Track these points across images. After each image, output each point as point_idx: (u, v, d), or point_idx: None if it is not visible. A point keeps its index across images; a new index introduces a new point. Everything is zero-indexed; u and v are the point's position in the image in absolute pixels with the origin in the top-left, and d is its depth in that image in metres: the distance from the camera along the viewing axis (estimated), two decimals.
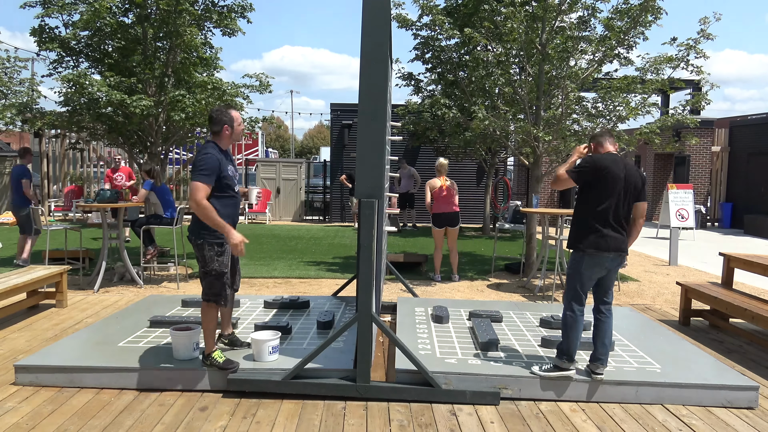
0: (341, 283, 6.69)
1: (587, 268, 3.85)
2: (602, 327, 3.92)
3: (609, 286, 3.98)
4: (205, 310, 3.93)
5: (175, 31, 7.77)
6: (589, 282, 3.90)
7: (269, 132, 55.33)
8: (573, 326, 3.89)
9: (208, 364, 3.92)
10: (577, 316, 3.88)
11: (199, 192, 3.68)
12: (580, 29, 8.05)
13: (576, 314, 3.89)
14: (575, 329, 3.88)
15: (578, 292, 3.89)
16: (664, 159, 18.16)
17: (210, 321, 3.93)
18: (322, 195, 17.80)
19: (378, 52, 3.70)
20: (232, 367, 3.88)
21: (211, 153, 3.78)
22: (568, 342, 3.89)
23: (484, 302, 6.21)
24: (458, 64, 10.10)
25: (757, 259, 5.71)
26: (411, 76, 13.16)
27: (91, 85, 7.28)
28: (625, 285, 7.99)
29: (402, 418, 3.58)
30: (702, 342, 5.31)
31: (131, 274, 7.39)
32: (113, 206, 7.19)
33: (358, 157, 3.76)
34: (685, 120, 7.99)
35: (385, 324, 4.26)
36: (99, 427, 3.37)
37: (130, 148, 8.95)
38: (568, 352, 3.89)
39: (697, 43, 7.50)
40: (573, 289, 3.91)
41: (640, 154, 18.77)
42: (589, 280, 3.89)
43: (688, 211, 13.87)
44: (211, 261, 3.86)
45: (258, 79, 8.88)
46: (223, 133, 3.90)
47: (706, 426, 3.55)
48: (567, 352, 3.89)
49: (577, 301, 3.89)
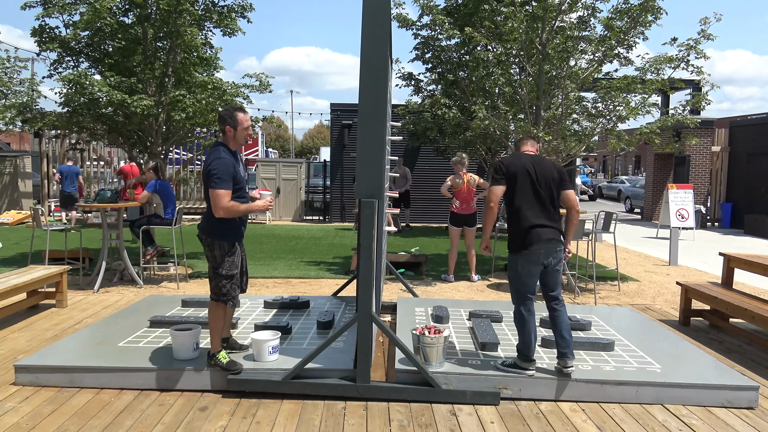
0: (341, 283, 6.69)
1: (522, 267, 3.91)
2: (557, 321, 3.95)
3: (554, 282, 3.99)
4: (213, 309, 3.93)
5: (176, 31, 7.77)
6: (530, 280, 3.93)
7: (269, 132, 55.34)
8: (523, 326, 3.94)
9: (212, 363, 3.93)
10: (525, 315, 3.93)
11: (222, 199, 3.70)
12: (580, 29, 8.06)
13: (523, 314, 3.94)
14: (528, 327, 3.93)
15: (521, 292, 3.95)
16: (664, 159, 18.16)
17: (217, 321, 3.93)
18: (322, 195, 17.80)
19: (378, 51, 3.70)
20: (235, 369, 3.88)
21: (223, 157, 3.76)
22: (524, 340, 3.95)
23: (484, 302, 6.21)
24: (458, 64, 10.10)
25: (757, 259, 5.71)
26: (411, 76, 13.16)
27: (92, 86, 7.28)
28: (625, 285, 7.99)
29: (402, 418, 3.58)
30: (702, 342, 5.31)
31: (131, 274, 7.39)
32: (113, 206, 7.19)
33: (358, 157, 3.76)
34: (685, 120, 7.99)
35: (385, 324, 4.26)
36: (99, 427, 3.37)
37: (130, 148, 8.95)
38: (525, 351, 3.94)
39: (697, 44, 7.50)
40: (516, 291, 3.98)
41: (640, 154, 18.79)
42: (528, 278, 3.92)
43: (688, 211, 13.87)
44: (222, 261, 3.85)
45: (258, 78, 8.89)
46: (227, 134, 3.88)
47: (706, 426, 3.55)
48: (524, 352, 3.95)
49: (522, 301, 3.94)
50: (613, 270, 8.37)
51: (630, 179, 28.06)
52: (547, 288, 4.00)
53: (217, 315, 3.93)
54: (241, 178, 3.88)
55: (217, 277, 3.87)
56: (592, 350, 4.46)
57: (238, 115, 3.86)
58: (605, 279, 8.29)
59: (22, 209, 15.97)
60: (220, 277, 3.86)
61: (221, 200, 3.70)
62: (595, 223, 7.96)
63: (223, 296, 3.88)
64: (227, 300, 3.90)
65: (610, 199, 28.16)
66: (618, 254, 9.17)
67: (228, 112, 3.87)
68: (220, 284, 3.87)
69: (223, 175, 3.71)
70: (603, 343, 4.48)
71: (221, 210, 3.72)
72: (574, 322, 4.99)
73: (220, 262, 3.85)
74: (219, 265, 3.86)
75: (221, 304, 3.91)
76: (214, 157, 3.77)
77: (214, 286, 3.90)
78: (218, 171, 3.71)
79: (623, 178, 30.37)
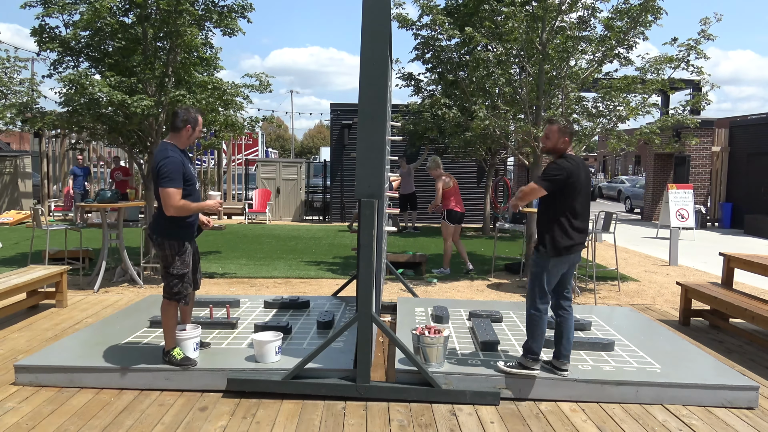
0: (341, 283, 6.69)
1: (554, 267, 3.89)
2: (565, 324, 3.95)
3: (569, 283, 4.02)
4: (165, 307, 3.98)
5: (176, 31, 7.76)
6: (555, 280, 3.93)
7: (269, 132, 55.35)
8: (539, 325, 3.92)
9: (166, 360, 3.97)
10: (542, 315, 3.91)
11: (173, 198, 3.74)
12: (580, 29, 8.05)
13: (541, 313, 3.91)
14: (541, 328, 3.91)
15: (544, 290, 3.92)
16: (664, 159, 18.16)
17: (169, 318, 3.98)
18: (322, 195, 17.80)
19: (378, 51, 3.70)
20: (188, 364, 3.93)
21: (172, 156, 3.78)
22: (533, 341, 3.92)
23: (484, 302, 6.21)
24: (458, 64, 10.09)
25: (757, 259, 5.71)
26: (411, 76, 13.16)
27: (92, 86, 7.28)
28: (625, 285, 7.99)
29: (402, 418, 3.58)
30: (702, 342, 5.31)
31: (131, 274, 7.39)
32: (113, 206, 7.19)
33: (358, 157, 3.76)
34: (685, 120, 7.99)
35: (385, 324, 4.26)
36: (99, 427, 3.37)
37: (130, 148, 8.95)
38: (533, 351, 3.91)
39: (697, 44, 7.50)
40: (539, 289, 3.92)
41: (640, 154, 18.80)
42: (555, 278, 3.92)
43: (688, 211, 13.87)
44: (173, 260, 3.90)
45: (258, 78, 8.88)
46: (183, 132, 3.90)
47: (706, 426, 3.55)
48: (532, 351, 3.91)
49: (543, 300, 3.92)
50: (613, 270, 8.37)
51: (630, 179, 28.07)
52: (562, 288, 3.99)
53: (169, 313, 3.97)
54: (191, 175, 3.91)
55: (168, 276, 3.92)
56: (592, 350, 4.46)
57: (198, 117, 3.95)
58: (605, 279, 8.29)
59: (22, 209, 15.97)
60: (171, 276, 3.91)
61: (172, 199, 3.73)
62: (595, 223, 7.96)
63: (175, 295, 3.94)
64: (179, 298, 3.95)
65: (610, 199, 28.16)
66: (618, 254, 9.17)
67: (191, 112, 3.93)
68: (171, 283, 3.92)
69: (173, 174, 3.73)
70: (603, 343, 4.47)
71: (172, 209, 3.75)
72: (574, 322, 4.99)
73: (171, 262, 3.90)
74: (170, 264, 3.90)
75: (173, 302, 3.96)
76: (162, 156, 3.78)
77: (166, 284, 3.95)
78: (168, 170, 3.73)
79: (623, 178, 30.39)
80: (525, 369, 3.91)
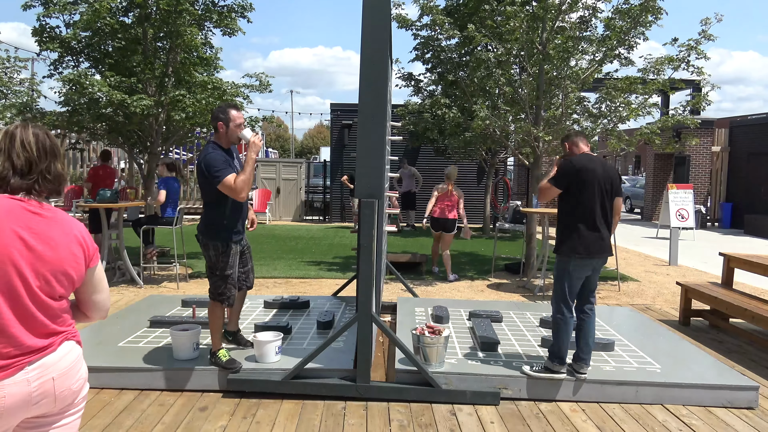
0: (341, 283, 6.69)
1: (575, 270, 3.86)
2: (586, 327, 3.94)
3: (593, 287, 4.00)
4: (211, 308, 3.95)
5: (176, 31, 7.76)
6: (578, 283, 3.91)
7: (269, 132, 55.33)
8: (564, 329, 3.89)
9: (212, 362, 3.94)
10: (567, 318, 3.89)
11: (233, 183, 3.64)
12: (581, 29, 8.05)
13: (566, 317, 3.89)
14: (566, 332, 3.89)
15: (566, 294, 3.89)
16: (664, 159, 18.16)
17: (216, 319, 3.95)
18: (322, 195, 17.80)
19: (378, 52, 3.70)
20: (234, 367, 3.90)
21: (212, 152, 3.74)
22: (559, 344, 3.90)
23: (484, 302, 6.21)
24: (458, 64, 10.09)
25: (757, 259, 5.71)
26: (411, 76, 13.16)
27: (92, 85, 7.28)
28: (625, 285, 7.99)
29: (402, 418, 3.58)
30: (702, 342, 5.31)
31: (131, 273, 7.38)
32: (113, 206, 7.18)
33: (358, 157, 3.76)
34: (685, 120, 7.99)
35: (385, 324, 4.26)
36: (99, 427, 3.37)
37: (130, 148, 8.94)
38: (559, 354, 3.89)
39: (698, 44, 7.50)
40: (562, 292, 3.90)
41: (640, 154, 18.80)
42: (578, 281, 3.90)
43: (688, 211, 13.87)
44: (216, 261, 3.87)
45: (258, 78, 8.88)
46: (220, 130, 3.84)
47: (706, 426, 3.55)
48: (558, 355, 3.89)
49: (566, 304, 3.90)
50: (613, 270, 8.37)
51: (630, 179, 28.05)
52: (586, 290, 3.97)
53: (215, 314, 3.94)
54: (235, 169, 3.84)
55: (213, 277, 3.90)
56: (594, 350, 4.45)
57: (231, 111, 3.82)
58: (605, 279, 8.29)
59: None
60: (215, 277, 3.89)
61: (232, 184, 3.65)
62: None
63: (219, 296, 3.90)
64: (223, 300, 3.90)
65: None
66: (618, 254, 9.16)
67: (221, 109, 3.85)
68: (216, 284, 3.89)
69: (218, 164, 3.67)
70: (603, 343, 4.47)
71: (235, 194, 3.66)
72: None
73: (215, 262, 3.87)
74: (214, 265, 3.88)
75: (218, 304, 3.92)
76: (202, 156, 3.76)
77: (211, 285, 3.93)
78: (213, 164, 3.68)
79: (623, 178, 30.35)
80: (552, 373, 3.89)
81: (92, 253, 1.83)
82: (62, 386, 1.74)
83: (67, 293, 1.78)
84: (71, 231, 1.77)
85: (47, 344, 1.72)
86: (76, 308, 1.89)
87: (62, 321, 1.77)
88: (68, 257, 1.74)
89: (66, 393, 1.75)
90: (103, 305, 1.92)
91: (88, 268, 1.82)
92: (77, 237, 1.78)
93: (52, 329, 1.73)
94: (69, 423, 1.81)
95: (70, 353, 1.78)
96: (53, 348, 1.73)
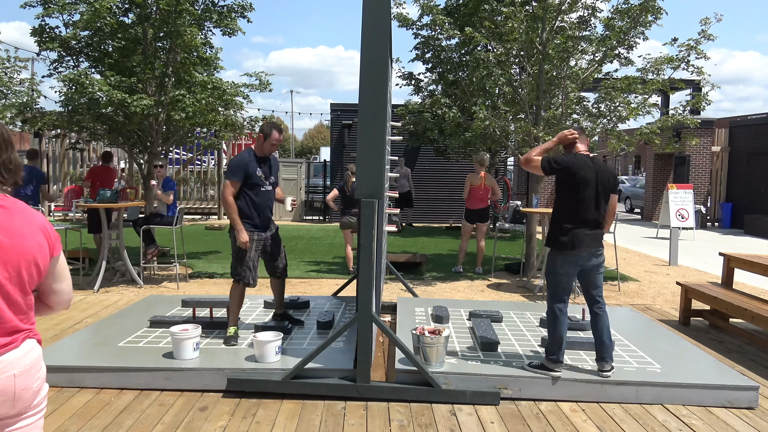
0: (341, 283, 6.69)
1: (561, 266, 3.91)
2: (597, 325, 3.95)
3: (595, 284, 4.00)
4: (232, 287, 4.57)
5: (175, 31, 7.76)
6: (567, 279, 3.93)
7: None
8: (554, 325, 3.92)
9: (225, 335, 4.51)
10: (558, 314, 3.91)
11: (226, 189, 4.42)
12: (581, 29, 8.05)
13: (557, 313, 3.92)
14: (557, 328, 3.91)
15: (556, 290, 3.94)
16: (664, 159, 18.16)
17: (233, 298, 4.55)
18: (322, 195, 17.80)
19: (378, 51, 3.70)
20: (228, 343, 4.42)
21: (239, 156, 4.49)
22: (553, 341, 3.92)
23: (484, 302, 6.21)
24: (458, 64, 10.09)
25: (757, 259, 5.71)
26: (411, 76, 13.15)
27: (92, 85, 7.28)
28: (625, 285, 7.99)
29: (402, 418, 3.58)
30: (702, 342, 5.31)
31: (131, 273, 7.38)
32: (113, 206, 7.18)
33: (358, 157, 3.76)
34: (685, 120, 7.99)
35: (385, 324, 4.26)
36: (99, 427, 3.37)
37: (130, 148, 8.94)
38: (552, 351, 3.91)
39: (697, 44, 7.50)
40: (551, 288, 3.98)
41: (640, 154, 18.80)
42: (566, 277, 3.92)
43: (688, 211, 13.87)
44: (235, 246, 4.49)
45: (258, 77, 8.88)
46: (258, 140, 4.53)
47: (706, 426, 3.55)
48: (552, 352, 3.91)
49: (557, 300, 3.93)
50: (613, 270, 8.37)
51: (630, 179, 28.04)
52: (588, 288, 4.01)
53: (235, 293, 4.53)
54: (253, 173, 4.44)
55: (233, 259, 4.54)
56: (592, 350, 4.44)
57: (274, 131, 4.51)
58: (605, 279, 8.26)
59: None
60: (234, 260, 4.52)
61: (225, 189, 4.43)
62: None
63: (236, 276, 4.52)
64: (240, 279, 4.48)
65: None
66: (618, 254, 9.16)
67: (270, 124, 4.59)
68: (234, 265, 4.53)
69: (232, 168, 4.44)
70: None
71: (222, 198, 4.46)
72: (573, 322, 5.00)
73: (235, 247, 4.50)
74: (234, 249, 4.52)
75: (237, 284, 4.51)
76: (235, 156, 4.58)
77: (232, 266, 4.55)
78: (231, 165, 4.49)
79: (623, 178, 30.31)
80: (546, 370, 3.91)
81: (54, 241, 1.80)
82: (23, 384, 1.69)
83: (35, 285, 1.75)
84: (34, 220, 1.74)
85: (10, 341, 1.68)
86: (38, 300, 1.85)
87: (26, 318, 1.74)
88: (35, 246, 1.71)
89: (26, 393, 1.71)
90: (65, 294, 1.88)
91: (51, 257, 1.79)
92: (40, 226, 1.75)
93: (15, 326, 1.69)
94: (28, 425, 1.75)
95: (32, 351, 1.74)
96: (16, 344, 1.69)
